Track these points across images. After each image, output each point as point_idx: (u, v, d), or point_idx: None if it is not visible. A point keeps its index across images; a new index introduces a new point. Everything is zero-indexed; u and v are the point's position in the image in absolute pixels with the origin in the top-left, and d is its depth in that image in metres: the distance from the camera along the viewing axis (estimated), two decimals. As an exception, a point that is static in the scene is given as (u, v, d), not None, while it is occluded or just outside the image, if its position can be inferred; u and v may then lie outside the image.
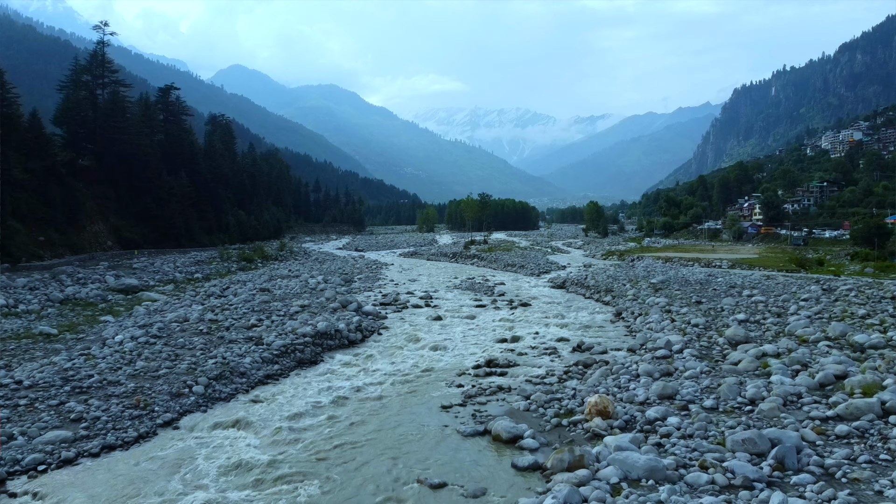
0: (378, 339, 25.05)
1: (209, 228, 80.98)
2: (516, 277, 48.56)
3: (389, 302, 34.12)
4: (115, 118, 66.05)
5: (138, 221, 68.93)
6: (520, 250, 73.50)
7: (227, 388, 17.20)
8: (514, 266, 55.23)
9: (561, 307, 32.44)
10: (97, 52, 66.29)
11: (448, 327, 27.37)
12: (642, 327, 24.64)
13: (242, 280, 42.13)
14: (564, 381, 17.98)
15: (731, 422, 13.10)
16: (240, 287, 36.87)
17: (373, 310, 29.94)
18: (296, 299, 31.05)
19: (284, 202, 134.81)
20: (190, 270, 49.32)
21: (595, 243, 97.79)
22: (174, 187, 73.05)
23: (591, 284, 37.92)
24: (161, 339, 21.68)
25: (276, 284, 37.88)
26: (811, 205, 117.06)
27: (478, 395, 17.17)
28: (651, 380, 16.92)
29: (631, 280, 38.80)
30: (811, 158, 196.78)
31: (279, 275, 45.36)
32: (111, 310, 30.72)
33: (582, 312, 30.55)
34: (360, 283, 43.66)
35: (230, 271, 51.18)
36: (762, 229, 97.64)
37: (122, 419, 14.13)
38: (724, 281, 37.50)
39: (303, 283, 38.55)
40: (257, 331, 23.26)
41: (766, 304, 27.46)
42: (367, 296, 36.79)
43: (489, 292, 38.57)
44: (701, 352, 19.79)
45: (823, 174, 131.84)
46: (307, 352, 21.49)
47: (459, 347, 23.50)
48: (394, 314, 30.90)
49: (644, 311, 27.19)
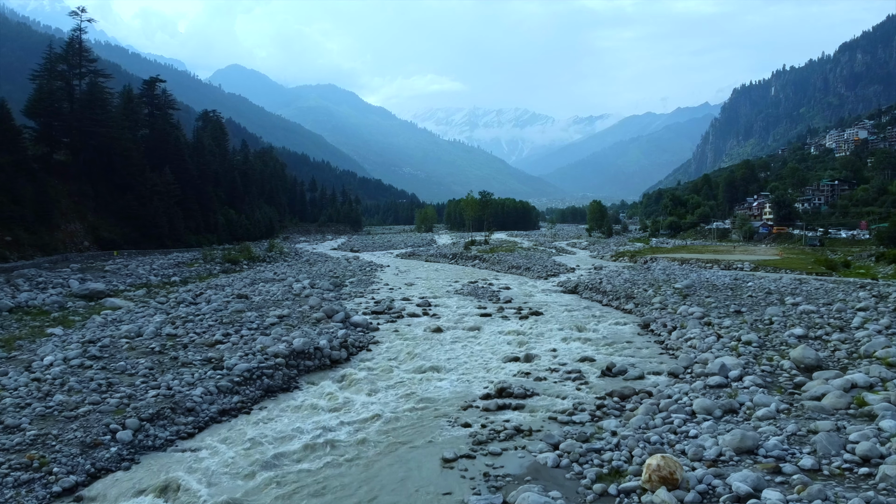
0: (367, 358, 21.13)
1: (196, 228, 76.87)
2: (522, 281, 44.68)
3: (382, 310, 30.21)
4: (94, 110, 61.90)
5: (118, 220, 64.77)
6: (523, 251, 69.62)
7: (164, 431, 13.27)
8: (518, 268, 51.31)
9: (577, 316, 28.54)
10: (73, 40, 62.05)
11: (449, 342, 23.46)
12: (681, 344, 20.73)
13: (222, 284, 38.17)
14: (600, 421, 14.11)
15: (852, 496, 9.23)
16: (216, 293, 32.92)
17: (362, 320, 26.01)
18: (275, 308, 27.11)
19: (279, 201, 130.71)
20: (167, 273, 45.37)
21: (600, 244, 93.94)
22: (158, 184, 68.92)
23: (608, 290, 34.03)
24: (100, 360, 17.75)
25: (257, 290, 33.93)
26: (822, 204, 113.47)
27: (489, 439, 13.29)
28: (713, 421, 13.06)
29: (652, 284, 34.92)
30: (815, 157, 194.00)
31: (263, 278, 41.41)
32: (65, 320, 26.76)
33: (602, 323, 26.65)
34: (351, 287, 39.72)
35: (212, 274, 47.22)
36: (774, 229, 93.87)
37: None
38: (756, 286, 33.65)
39: (286, 288, 34.60)
40: (220, 349, 19.35)
41: (820, 314, 23.56)
42: (358, 303, 32.88)
43: (494, 298, 34.69)
44: (765, 379, 15.90)
45: (833, 172, 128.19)
46: (278, 377, 17.57)
47: (463, 368, 19.61)
48: (387, 325, 26.99)
49: (680, 324, 23.27)
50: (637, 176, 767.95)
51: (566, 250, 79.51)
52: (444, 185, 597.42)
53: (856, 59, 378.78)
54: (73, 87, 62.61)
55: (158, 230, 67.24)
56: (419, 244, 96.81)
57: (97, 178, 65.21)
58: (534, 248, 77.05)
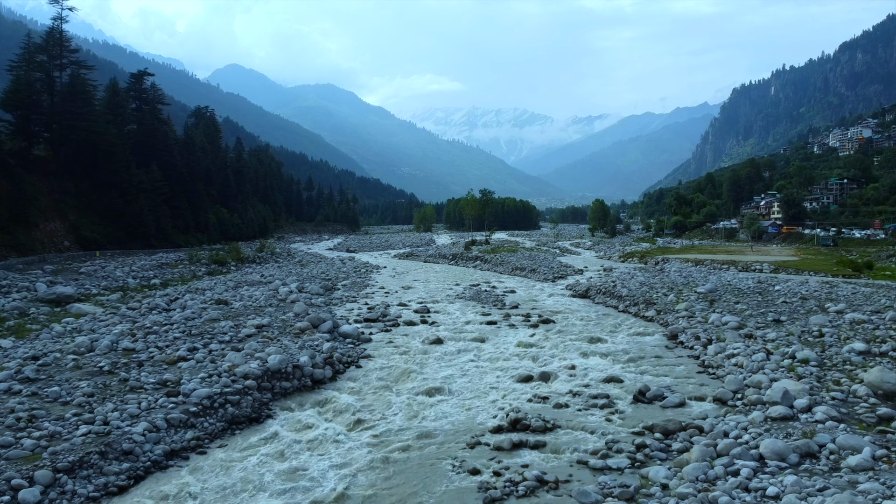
0: (356, 376, 18.18)
1: (185, 227, 73.88)
2: (528, 284, 41.71)
3: (376, 318, 27.23)
4: (75, 103, 58.83)
5: (102, 219, 61.72)
6: (526, 251, 66.67)
7: (87, 486, 10.30)
8: (523, 270, 48.34)
9: (593, 325, 25.60)
10: (54, 30, 58.91)
11: (451, 356, 20.52)
12: (722, 361, 17.78)
13: (203, 287, 35.16)
14: (643, 467, 11.18)
15: None
16: (194, 297, 29.93)
17: (352, 330, 23.04)
18: (254, 316, 24.13)
19: (274, 200, 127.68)
20: (147, 275, 42.35)
21: (605, 244, 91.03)
22: (144, 181, 65.89)
23: (624, 294, 31.05)
24: (34, 383, 14.77)
25: (239, 294, 30.96)
26: (830, 203, 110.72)
27: (505, 495, 10.36)
28: (792, 470, 10.15)
29: (671, 288, 32.00)
30: (819, 156, 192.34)
31: (249, 280, 38.44)
32: (20, 329, 23.77)
33: (623, 333, 23.70)
34: (343, 290, 36.77)
35: (196, 276, 44.21)
36: (784, 228, 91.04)
37: None
38: (784, 290, 30.77)
39: (272, 291, 31.63)
40: (182, 368, 16.38)
41: (874, 324, 20.64)
42: (350, 309, 29.91)
43: (499, 303, 31.74)
44: (839, 409, 12.97)
45: (842, 171, 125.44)
46: (246, 404, 14.61)
47: (468, 390, 16.68)
48: (381, 335, 24.03)
49: (716, 336, 20.30)
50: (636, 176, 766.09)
51: (570, 251, 76.59)
52: (443, 185, 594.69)
53: (856, 58, 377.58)
54: (54, 79, 59.52)
55: (145, 229, 64.27)
56: (418, 244, 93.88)
57: (80, 175, 62.21)
58: (537, 249, 74.12)
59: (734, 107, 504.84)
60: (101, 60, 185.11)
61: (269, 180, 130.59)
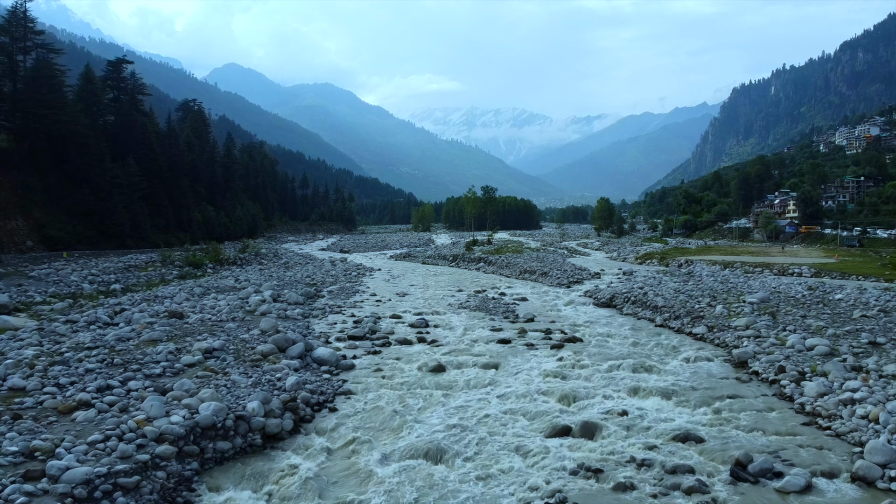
0: (326, 427, 13.18)
1: (166, 226, 68.75)
2: (540, 290, 36.72)
3: (363, 334, 22.21)
4: (41, 90, 53.79)
5: (71, 217, 56.62)
6: (532, 252, 61.70)
7: None
8: (533, 273, 43.33)
9: (631, 345, 20.67)
10: (16, 9, 53.78)
11: (456, 391, 15.60)
12: (837, 408, 12.77)
13: (164, 295, 30.19)
14: None
15: None
16: (145, 308, 24.94)
17: (329, 355, 18.06)
18: (206, 335, 19.13)
19: (266, 198, 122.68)
20: (109, 279, 37.35)
21: (613, 244, 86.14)
22: (119, 176, 60.82)
23: (661, 304, 26.09)
24: None
25: (201, 305, 25.95)
26: (846, 201, 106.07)
27: None
28: None
29: (713, 297, 27.10)
30: (825, 155, 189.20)
31: (220, 286, 33.47)
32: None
33: (675, 358, 18.75)
34: (328, 298, 31.80)
35: (164, 280, 39.19)
36: (802, 228, 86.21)
37: None
38: (848, 299, 25.89)
39: (240, 301, 26.62)
40: (75, 422, 11.40)
41: None
42: (332, 323, 24.91)
43: (510, 314, 26.78)
44: None
45: (857, 169, 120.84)
46: (150, 488, 9.61)
47: (484, 454, 11.72)
48: (367, 358, 19.08)
49: (811, 367, 15.32)
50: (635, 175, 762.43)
51: (579, 251, 71.63)
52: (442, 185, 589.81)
53: (857, 57, 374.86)
54: (17, 63, 54.42)
55: (119, 228, 59.21)
56: (416, 244, 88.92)
57: (47, 169, 57.11)
58: (543, 249, 69.16)
59: (734, 106, 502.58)
60: (98, 59, 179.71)
61: (262, 178, 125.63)
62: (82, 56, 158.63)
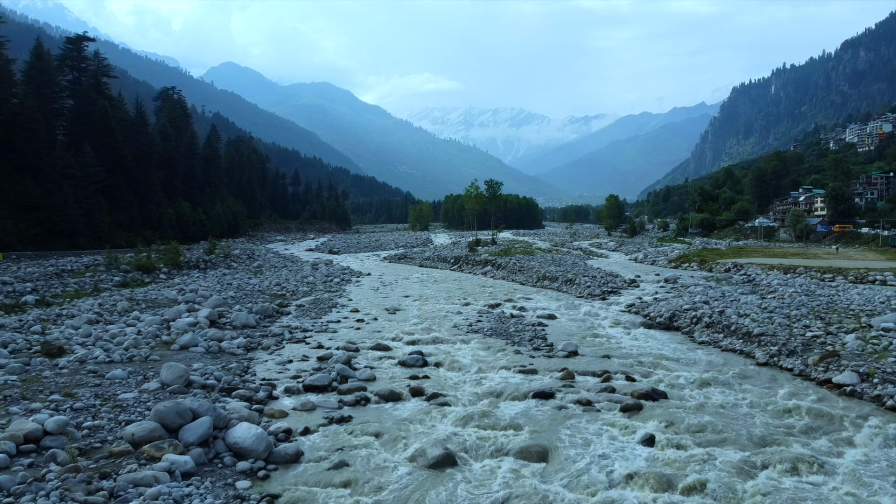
0: None
1: (130, 223, 60.98)
2: (569, 302, 29.01)
3: (327, 383, 14.42)
4: (-26, 65, 46.35)
5: (13, 212, 48.95)
6: (545, 254, 54.08)
7: None
8: (554, 280, 35.59)
9: (748, 406, 13.03)
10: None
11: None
12: None
13: (75, 312, 22.48)
14: None
15: None
16: (13, 336, 17.29)
17: (254, 440, 10.30)
18: (51, 404, 11.44)
19: (253, 195, 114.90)
20: (24, 288, 29.62)
21: (629, 244, 78.60)
22: (72, 166, 53.11)
23: (754, 330, 18.43)
24: None
25: (104, 331, 18.25)
26: (875, 198, 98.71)
27: None
28: None
29: (819, 318, 19.57)
30: (835, 152, 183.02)
31: (156, 299, 25.77)
32: None
33: (820, 437, 11.12)
34: (294, 315, 24.11)
35: (98, 288, 31.47)
36: (836, 227, 78.75)
37: None
38: None
39: (160, 325, 18.92)
40: None
41: None
42: (287, 359, 17.08)
43: (542, 344, 19.13)
44: None
45: (882, 164, 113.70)
46: None
47: None
48: (324, 435, 11.36)
49: None
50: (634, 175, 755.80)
51: (595, 252, 63.99)
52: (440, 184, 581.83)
53: (858, 56, 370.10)
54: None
55: (69, 225, 51.50)
56: (413, 244, 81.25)
57: (-15, 157, 49.50)
58: (555, 250, 61.55)
59: (734, 106, 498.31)
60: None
61: (249, 173, 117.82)
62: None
